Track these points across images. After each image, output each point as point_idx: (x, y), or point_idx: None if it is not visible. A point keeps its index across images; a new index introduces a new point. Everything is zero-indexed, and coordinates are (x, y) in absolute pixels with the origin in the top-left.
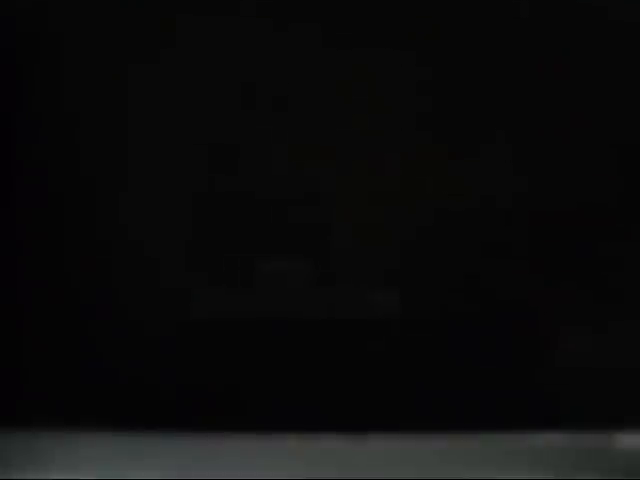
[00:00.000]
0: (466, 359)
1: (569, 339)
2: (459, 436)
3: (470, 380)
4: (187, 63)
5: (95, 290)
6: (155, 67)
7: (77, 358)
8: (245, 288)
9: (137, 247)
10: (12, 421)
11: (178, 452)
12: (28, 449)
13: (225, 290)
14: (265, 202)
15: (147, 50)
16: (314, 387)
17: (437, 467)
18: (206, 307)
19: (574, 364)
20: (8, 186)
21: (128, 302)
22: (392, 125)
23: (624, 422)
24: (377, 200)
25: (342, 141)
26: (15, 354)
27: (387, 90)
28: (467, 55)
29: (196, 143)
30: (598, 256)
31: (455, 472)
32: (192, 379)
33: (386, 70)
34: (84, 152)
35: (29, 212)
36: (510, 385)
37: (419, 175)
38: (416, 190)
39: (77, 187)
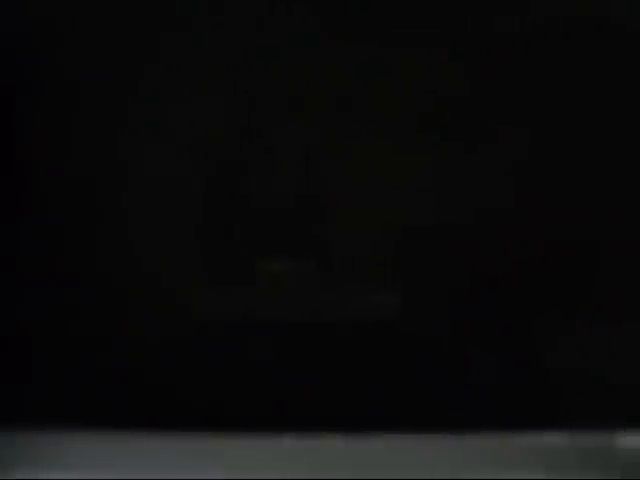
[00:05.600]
0: (466, 359)
1: (569, 339)
2: (459, 436)
3: (470, 380)
4: (190, 62)
5: (97, 290)
6: (158, 65)
7: (78, 358)
8: (246, 290)
9: (138, 247)
10: (12, 421)
11: (178, 452)
12: (28, 449)
13: (226, 291)
14: (267, 203)
15: (149, 47)
16: (315, 388)
17: (437, 467)
18: (207, 308)
19: (574, 364)
20: (10, 186)
21: (129, 302)
22: (394, 126)
23: (624, 422)
24: (379, 202)
25: (344, 143)
26: (15, 354)
27: (388, 90)
28: (469, 56)
29: (198, 144)
30: (599, 255)
31: (455, 472)
32: (193, 379)
33: (386, 70)
34: (86, 152)
35: (31, 211)
36: (510, 385)
37: (421, 177)
38: (418, 192)
39: (79, 187)
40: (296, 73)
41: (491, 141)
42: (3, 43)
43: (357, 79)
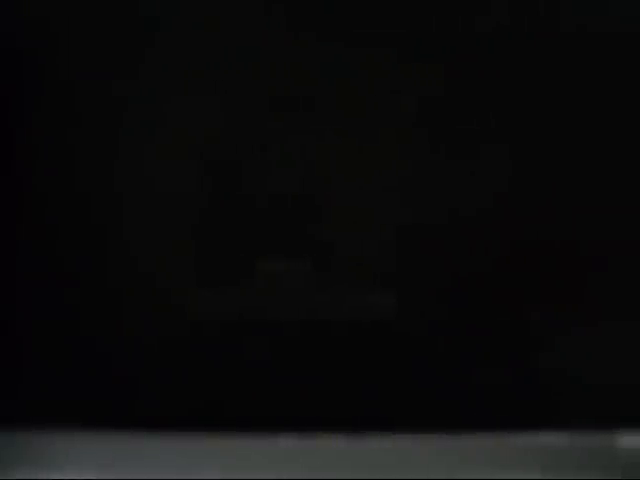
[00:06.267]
0: (465, 359)
1: (568, 339)
2: (459, 436)
3: (469, 380)
4: (188, 62)
5: (95, 290)
6: (157, 65)
7: (77, 358)
8: (242, 289)
9: (134, 247)
10: (12, 421)
11: (178, 452)
12: (28, 449)
13: (222, 291)
14: (264, 203)
15: (148, 48)
16: (311, 388)
17: (437, 467)
18: (203, 308)
19: (574, 364)
20: (9, 186)
21: (127, 302)
22: (391, 127)
23: (624, 422)
24: (375, 202)
25: (341, 143)
26: (15, 354)
27: (386, 90)
28: (466, 57)
29: (196, 144)
30: (599, 255)
31: (455, 472)
32: (190, 379)
33: (384, 70)
34: (83, 152)
35: (29, 211)
36: (509, 385)
37: (418, 177)
38: (415, 192)
39: (76, 187)
40: (293, 73)
41: (488, 141)
42: (3, 43)
43: (355, 79)
